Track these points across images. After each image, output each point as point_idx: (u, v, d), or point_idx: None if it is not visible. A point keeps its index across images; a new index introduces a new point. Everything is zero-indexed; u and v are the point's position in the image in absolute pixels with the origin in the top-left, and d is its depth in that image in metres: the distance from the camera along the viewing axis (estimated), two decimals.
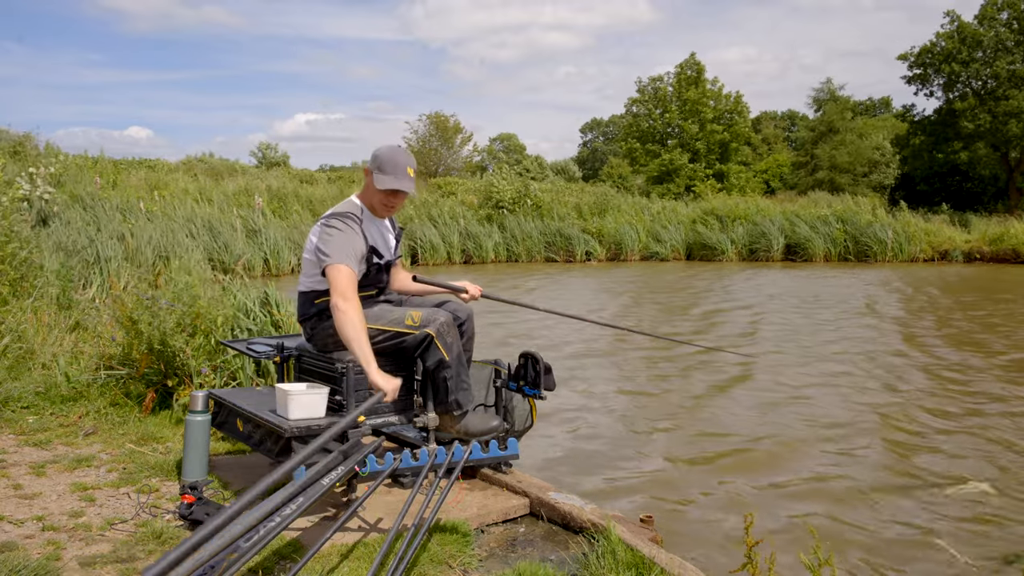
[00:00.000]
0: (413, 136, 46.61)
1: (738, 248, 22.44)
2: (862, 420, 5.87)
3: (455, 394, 3.30)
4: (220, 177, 27.00)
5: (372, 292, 3.40)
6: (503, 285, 15.80)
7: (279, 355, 3.70)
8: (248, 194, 21.94)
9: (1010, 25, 29.53)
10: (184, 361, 4.68)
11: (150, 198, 18.80)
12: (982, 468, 4.79)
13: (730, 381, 7.26)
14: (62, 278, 7.73)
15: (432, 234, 21.11)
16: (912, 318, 11.32)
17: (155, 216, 16.14)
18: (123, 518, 3.10)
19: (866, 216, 22.67)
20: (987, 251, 21.16)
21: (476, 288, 3.64)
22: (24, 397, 4.72)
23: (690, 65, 38.38)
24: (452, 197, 26.53)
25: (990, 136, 29.83)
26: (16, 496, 3.34)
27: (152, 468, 3.73)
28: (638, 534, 2.93)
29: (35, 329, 5.72)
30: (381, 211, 3.43)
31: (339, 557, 2.77)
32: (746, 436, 5.48)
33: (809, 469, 4.83)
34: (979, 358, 8.16)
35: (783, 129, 54.94)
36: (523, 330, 9.79)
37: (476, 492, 3.46)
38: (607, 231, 22.81)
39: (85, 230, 12.43)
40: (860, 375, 7.40)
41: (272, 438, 3.21)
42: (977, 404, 6.30)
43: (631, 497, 4.37)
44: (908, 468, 4.84)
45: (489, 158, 55.38)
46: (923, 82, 32.22)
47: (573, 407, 6.28)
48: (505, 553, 2.96)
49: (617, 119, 51.73)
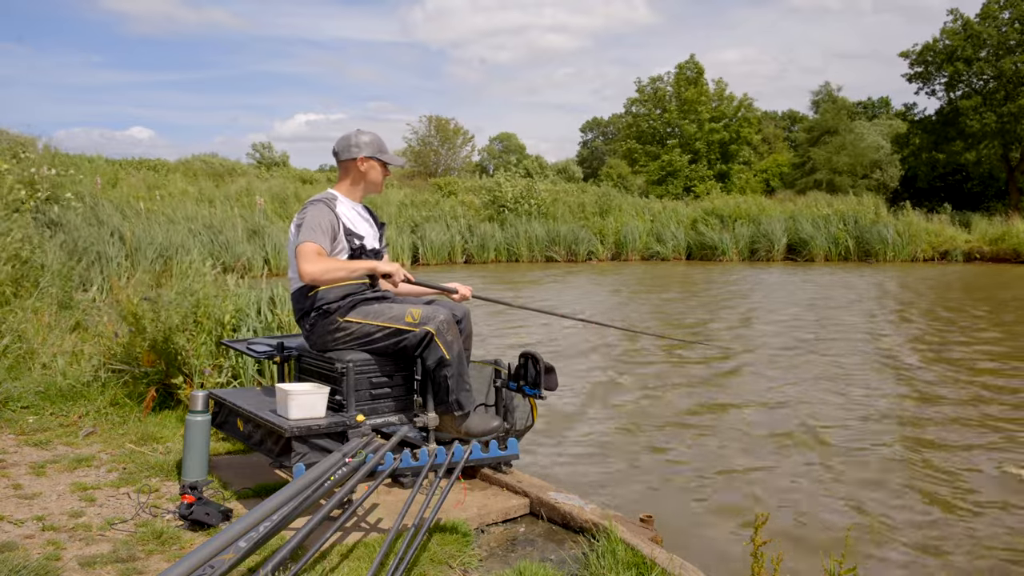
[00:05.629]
0: (413, 136, 46.64)
1: (739, 248, 22.44)
2: (865, 419, 5.87)
3: (456, 394, 3.30)
4: (220, 178, 27.02)
5: (365, 282, 3.40)
6: (503, 285, 15.80)
7: (279, 355, 3.70)
8: (249, 194, 21.96)
9: (1012, 24, 29.51)
10: (186, 359, 4.69)
11: (150, 198, 18.81)
12: (991, 463, 4.79)
13: (731, 381, 7.26)
14: (63, 278, 7.73)
15: (433, 234, 21.10)
16: (916, 318, 11.32)
17: (155, 216, 16.15)
18: (123, 518, 3.10)
19: (869, 216, 22.66)
20: (987, 251, 21.14)
21: (467, 288, 3.64)
22: (24, 397, 4.72)
23: (689, 66, 38.42)
24: (453, 197, 26.54)
25: (998, 136, 29.78)
26: (16, 496, 3.34)
27: (152, 468, 3.72)
28: (638, 534, 2.93)
29: (35, 329, 5.72)
30: (372, 189, 3.59)
31: (339, 557, 2.77)
32: (747, 436, 5.48)
33: (810, 469, 4.83)
34: (982, 356, 8.16)
35: (783, 129, 54.93)
36: (523, 330, 9.79)
37: (476, 492, 3.46)
38: (609, 231, 22.81)
39: (86, 230, 12.43)
40: (863, 374, 7.40)
41: (272, 438, 3.21)
42: (984, 400, 6.29)
43: (631, 497, 4.37)
44: (909, 468, 4.83)
45: (489, 158, 55.40)
46: (924, 80, 32.20)
47: (573, 407, 6.28)
48: (505, 553, 2.96)
49: (616, 119, 51.76)
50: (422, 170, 42.53)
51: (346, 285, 3.35)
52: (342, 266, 3.24)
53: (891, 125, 39.00)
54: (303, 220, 3.32)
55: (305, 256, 3.19)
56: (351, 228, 3.40)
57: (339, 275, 3.23)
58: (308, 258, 3.18)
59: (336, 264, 3.23)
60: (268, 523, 2.34)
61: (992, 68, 29.72)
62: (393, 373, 3.37)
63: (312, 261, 3.17)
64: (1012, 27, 29.52)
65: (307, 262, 3.17)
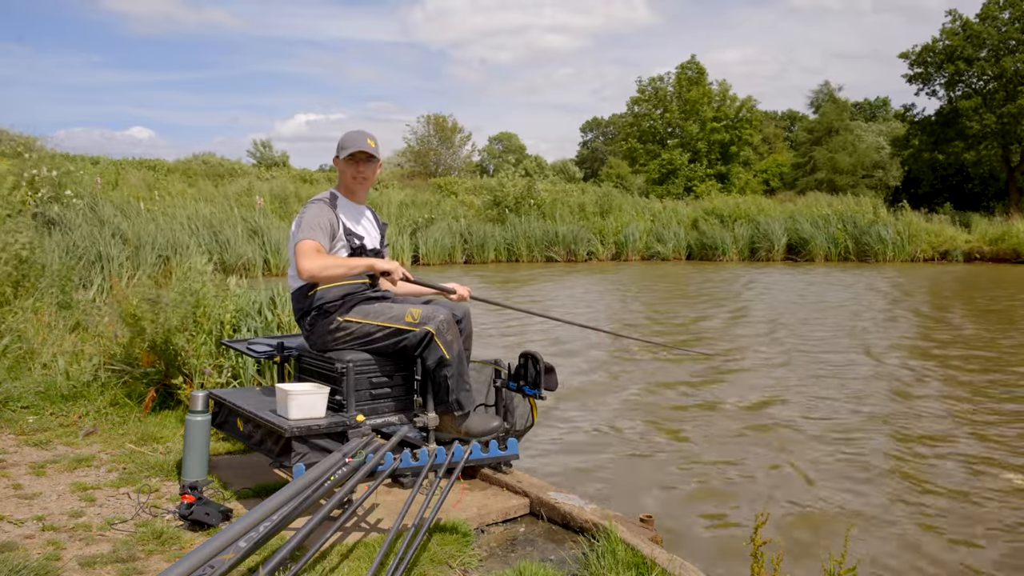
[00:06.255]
0: (413, 137, 46.64)
1: (739, 248, 22.43)
2: (864, 419, 5.87)
3: (456, 394, 3.29)
4: (220, 178, 27.01)
5: (365, 282, 3.40)
6: (503, 285, 15.80)
7: (279, 355, 3.69)
8: (249, 194, 21.96)
9: (1012, 24, 29.51)
10: (186, 360, 4.69)
11: (150, 198, 18.80)
12: (991, 463, 4.79)
13: (731, 381, 7.25)
14: (63, 278, 7.72)
15: (433, 234, 21.10)
16: (920, 317, 11.31)
17: (156, 216, 16.15)
18: (123, 518, 3.10)
19: (868, 216, 22.67)
20: (987, 251, 21.15)
21: (465, 289, 3.64)
22: (24, 397, 4.72)
23: (691, 66, 38.42)
24: (453, 197, 26.53)
25: (998, 136, 29.77)
26: (16, 496, 3.34)
27: (152, 468, 3.72)
28: (638, 534, 2.93)
29: (35, 329, 5.72)
30: (354, 187, 3.51)
31: (339, 557, 2.77)
32: (747, 436, 5.48)
33: (810, 469, 4.83)
34: (982, 356, 8.16)
35: (783, 129, 54.95)
36: (523, 330, 9.79)
37: (476, 492, 3.46)
38: (609, 231, 22.80)
39: (86, 230, 12.42)
40: (862, 374, 7.40)
41: (272, 438, 3.21)
42: (984, 400, 6.29)
43: (631, 497, 4.37)
44: (908, 468, 4.83)
45: (489, 158, 55.40)
46: (924, 81, 32.21)
47: (573, 407, 6.28)
48: (505, 553, 2.96)
49: (617, 119, 51.78)
50: (422, 170, 42.52)
51: (346, 285, 3.35)
52: (341, 263, 3.24)
53: (890, 126, 39.01)
54: (302, 218, 3.33)
55: (304, 253, 3.20)
56: (351, 227, 3.41)
57: (338, 272, 3.23)
58: (307, 255, 3.18)
59: (335, 261, 3.23)
60: (268, 523, 2.34)
61: (992, 68, 29.72)
62: (393, 373, 3.37)
63: (311, 258, 3.17)
64: (1012, 27, 29.52)
65: (306, 259, 3.18)
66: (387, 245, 3.72)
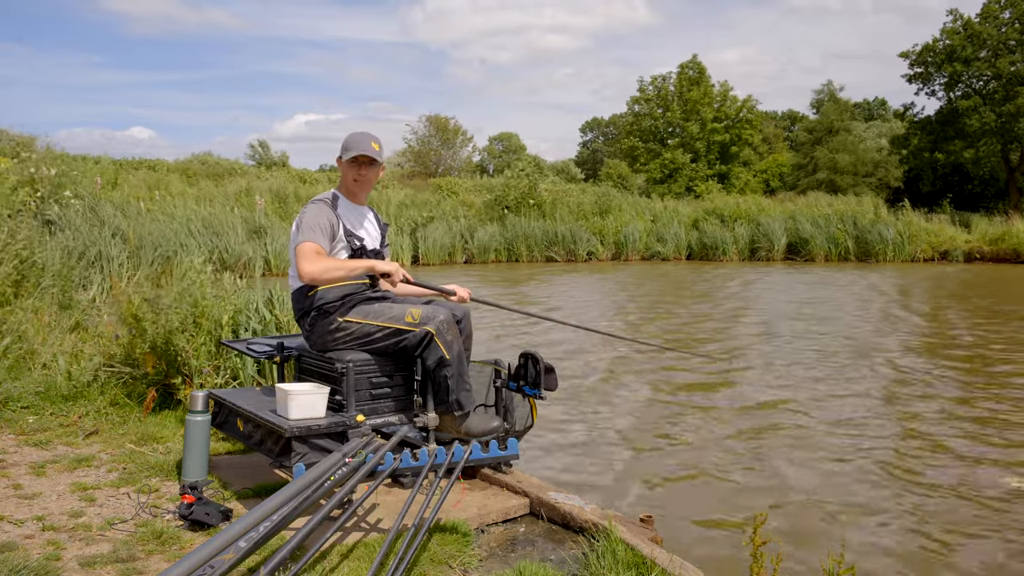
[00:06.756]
0: (413, 137, 46.64)
1: (739, 248, 22.43)
2: (864, 419, 5.87)
3: (456, 394, 3.30)
4: (219, 178, 27.00)
5: (365, 282, 3.40)
6: (503, 285, 15.80)
7: (279, 355, 3.69)
8: (249, 194, 21.95)
9: (1012, 24, 29.51)
10: (186, 360, 4.69)
11: (150, 198, 18.79)
12: (990, 463, 4.79)
13: (731, 382, 7.25)
14: (63, 278, 7.72)
15: (433, 234, 21.09)
16: (920, 317, 11.31)
17: (156, 216, 16.14)
18: (123, 518, 3.10)
19: (868, 216, 22.66)
20: (987, 251, 21.15)
21: (465, 291, 3.64)
22: (24, 397, 4.72)
23: (692, 65, 38.42)
24: (453, 197, 26.52)
25: (998, 136, 29.76)
26: (16, 496, 3.34)
27: (152, 468, 3.72)
28: (638, 534, 2.93)
29: (35, 329, 5.72)
30: (355, 189, 3.51)
31: (339, 557, 2.77)
32: (747, 436, 5.48)
33: (809, 468, 4.83)
34: (981, 356, 8.16)
35: (783, 129, 54.95)
36: (523, 330, 9.79)
37: (476, 492, 3.46)
38: (609, 231, 22.80)
39: (86, 230, 12.41)
40: (861, 374, 7.40)
41: (272, 438, 3.21)
42: (983, 400, 6.29)
43: (631, 497, 4.37)
44: (908, 467, 4.83)
45: (489, 158, 55.41)
46: (924, 81, 32.21)
47: (573, 407, 6.28)
48: (505, 553, 2.96)
49: (617, 119, 51.77)
50: (422, 170, 42.52)
51: (346, 285, 3.35)
52: (341, 265, 3.24)
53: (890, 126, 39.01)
54: (303, 220, 3.32)
55: (304, 255, 3.19)
56: (351, 228, 3.41)
57: (338, 274, 3.23)
58: (307, 257, 3.18)
59: (335, 263, 3.23)
60: (268, 523, 2.34)
61: (992, 68, 29.72)
62: (393, 373, 3.37)
63: (311, 260, 3.17)
64: (1012, 27, 29.53)
65: (306, 261, 3.18)
66: (388, 245, 3.72)
